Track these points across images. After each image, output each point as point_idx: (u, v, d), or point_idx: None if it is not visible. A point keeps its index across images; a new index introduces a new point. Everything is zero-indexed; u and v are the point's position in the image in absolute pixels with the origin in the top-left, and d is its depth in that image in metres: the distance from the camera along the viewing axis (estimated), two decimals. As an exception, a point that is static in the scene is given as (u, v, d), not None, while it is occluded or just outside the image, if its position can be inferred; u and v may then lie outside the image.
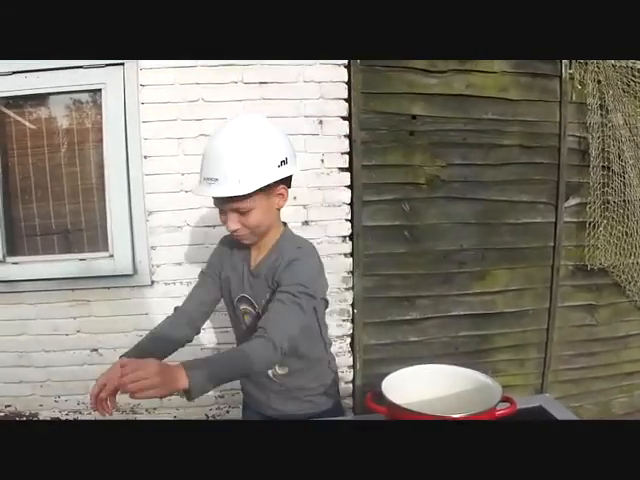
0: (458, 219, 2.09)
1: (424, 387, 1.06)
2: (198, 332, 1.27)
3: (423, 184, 2.05)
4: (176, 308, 1.27)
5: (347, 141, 2.01)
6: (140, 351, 1.08)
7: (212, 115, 1.94)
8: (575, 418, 1.15)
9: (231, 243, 1.26)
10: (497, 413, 0.93)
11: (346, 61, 1.96)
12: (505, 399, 0.95)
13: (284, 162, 1.08)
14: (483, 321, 2.18)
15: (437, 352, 2.11)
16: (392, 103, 2.00)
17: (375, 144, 2.01)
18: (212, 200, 1.12)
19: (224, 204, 1.08)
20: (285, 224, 1.23)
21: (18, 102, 2.00)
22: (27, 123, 2.03)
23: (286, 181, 1.12)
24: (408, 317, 2.12)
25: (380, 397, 0.99)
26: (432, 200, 2.07)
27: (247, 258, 1.22)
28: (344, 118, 2.00)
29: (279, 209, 1.16)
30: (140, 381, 0.79)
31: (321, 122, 1.99)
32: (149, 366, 0.82)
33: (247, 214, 1.08)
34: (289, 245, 1.16)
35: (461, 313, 2.16)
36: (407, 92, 2.00)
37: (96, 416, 2.07)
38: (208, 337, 2.07)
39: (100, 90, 1.96)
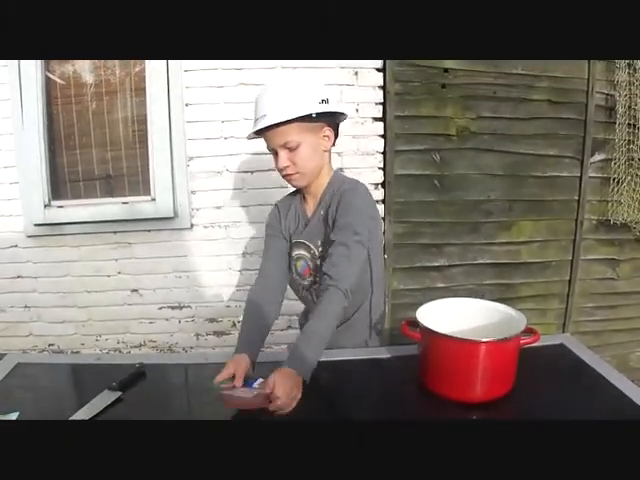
0: (487, 170, 2.16)
1: (455, 317, 1.14)
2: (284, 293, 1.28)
3: (453, 135, 2.12)
4: (252, 288, 1.25)
5: (381, 92, 2.07)
6: (253, 347, 1.11)
7: (251, 64, 2.00)
8: (595, 356, 1.17)
9: (285, 202, 1.31)
10: (521, 342, 1.00)
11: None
12: (528, 330, 1.02)
13: (325, 101, 1.13)
14: (508, 270, 2.25)
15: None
16: (425, 56, 2.06)
17: (408, 95, 2.08)
18: (266, 147, 1.16)
19: (274, 142, 1.13)
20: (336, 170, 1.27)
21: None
22: (57, 80, 2.10)
23: (332, 125, 1.17)
24: (436, 264, 2.21)
25: (414, 325, 1.07)
26: (462, 151, 2.13)
27: (302, 207, 1.27)
28: (378, 70, 2.07)
29: (326, 151, 1.20)
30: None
31: (356, 73, 2.06)
32: (295, 393, 0.95)
33: (295, 151, 1.12)
34: (339, 183, 1.20)
35: (487, 261, 2.23)
36: (440, 45, 2.06)
37: (135, 353, 2.19)
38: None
39: (143, 40, 2.03)
